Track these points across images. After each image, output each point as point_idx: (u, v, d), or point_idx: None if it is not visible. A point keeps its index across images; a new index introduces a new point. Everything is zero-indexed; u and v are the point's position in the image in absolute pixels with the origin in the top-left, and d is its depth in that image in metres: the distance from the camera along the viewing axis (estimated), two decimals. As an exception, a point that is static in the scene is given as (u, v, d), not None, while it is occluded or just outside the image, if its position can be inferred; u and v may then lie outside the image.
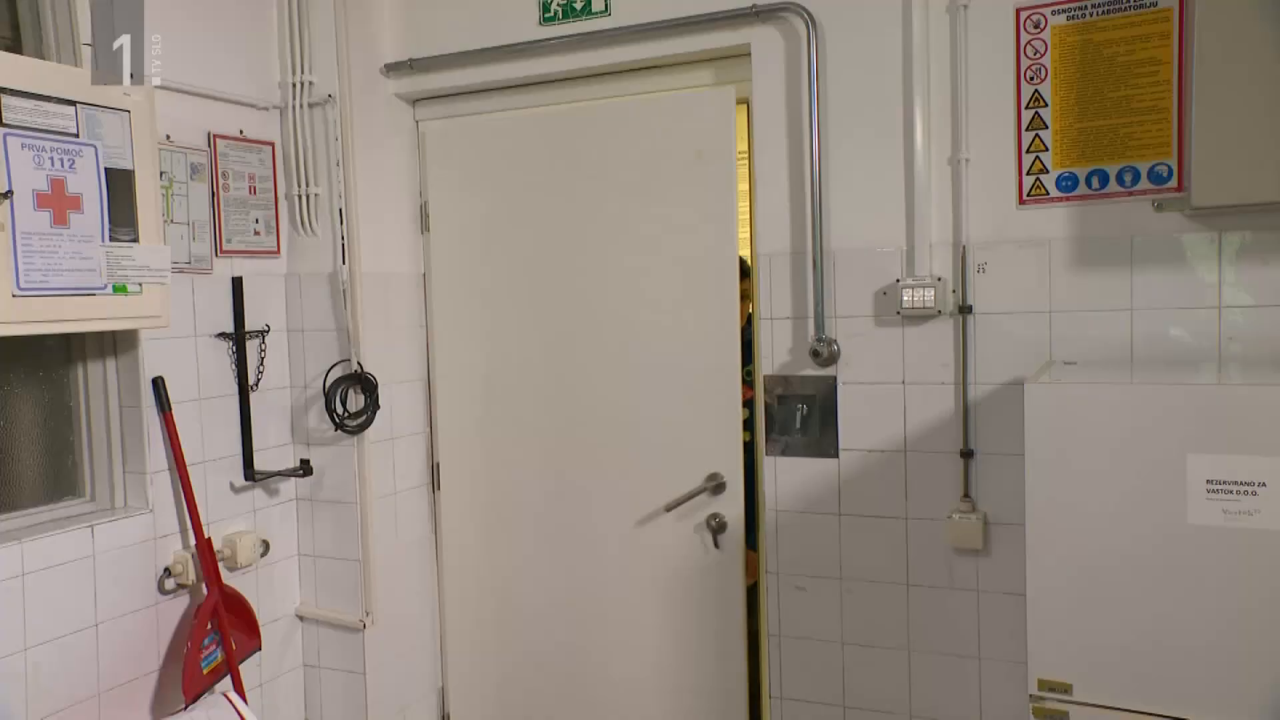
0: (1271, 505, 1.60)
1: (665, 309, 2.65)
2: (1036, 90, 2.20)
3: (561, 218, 2.76)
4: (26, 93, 1.98)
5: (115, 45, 2.17)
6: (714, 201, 2.55)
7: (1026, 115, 2.21)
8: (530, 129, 2.77)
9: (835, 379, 2.40)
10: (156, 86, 2.29)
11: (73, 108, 2.06)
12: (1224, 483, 1.63)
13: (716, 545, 2.61)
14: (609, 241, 2.70)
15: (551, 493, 2.85)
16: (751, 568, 2.64)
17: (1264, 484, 1.61)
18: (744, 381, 2.61)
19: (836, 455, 2.41)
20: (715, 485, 2.61)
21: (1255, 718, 1.65)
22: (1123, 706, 1.74)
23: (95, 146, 2.11)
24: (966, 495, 2.29)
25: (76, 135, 2.07)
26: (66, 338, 2.37)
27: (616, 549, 2.76)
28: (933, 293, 2.25)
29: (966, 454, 2.28)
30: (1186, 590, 1.68)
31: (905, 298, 2.28)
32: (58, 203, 2.04)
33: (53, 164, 2.03)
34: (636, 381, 2.70)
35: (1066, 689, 1.79)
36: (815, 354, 2.38)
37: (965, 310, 2.27)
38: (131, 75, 2.16)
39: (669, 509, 2.61)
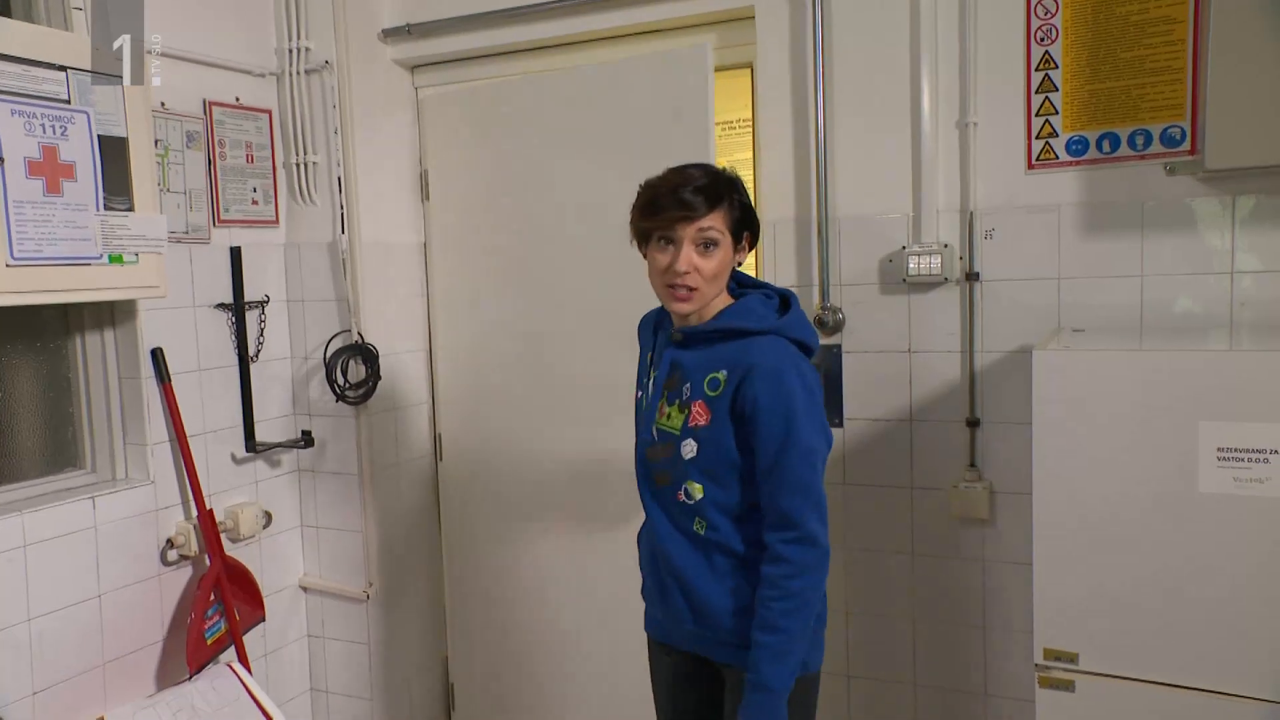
0: (1283, 473, 1.58)
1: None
2: (1047, 51, 2.15)
3: (556, 183, 2.66)
4: (15, 57, 1.94)
5: (108, 11, 2.13)
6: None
7: (1036, 77, 2.16)
8: (528, 95, 2.71)
9: (840, 348, 2.37)
10: (150, 52, 2.26)
11: (63, 73, 2.03)
12: (1235, 450, 1.61)
13: None
14: (591, 207, 2.57)
15: (544, 463, 2.77)
16: None
17: (1276, 451, 1.58)
18: None
19: (841, 424, 2.38)
20: None
21: (1264, 687, 1.64)
22: (1130, 675, 1.73)
23: (88, 113, 2.08)
24: (972, 464, 2.27)
25: (68, 101, 2.04)
26: (64, 308, 2.35)
27: (602, 527, 2.66)
28: (939, 260, 2.22)
29: (973, 423, 2.26)
30: (1196, 559, 1.66)
31: (911, 265, 2.25)
32: (50, 171, 2.01)
33: (44, 131, 1.99)
34: (608, 356, 2.45)
35: (1073, 658, 1.77)
36: (820, 322, 2.35)
37: (972, 277, 2.23)
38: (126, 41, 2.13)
39: None
